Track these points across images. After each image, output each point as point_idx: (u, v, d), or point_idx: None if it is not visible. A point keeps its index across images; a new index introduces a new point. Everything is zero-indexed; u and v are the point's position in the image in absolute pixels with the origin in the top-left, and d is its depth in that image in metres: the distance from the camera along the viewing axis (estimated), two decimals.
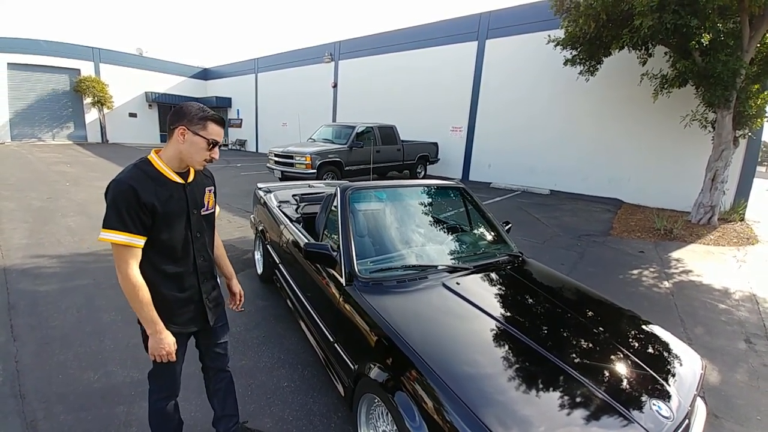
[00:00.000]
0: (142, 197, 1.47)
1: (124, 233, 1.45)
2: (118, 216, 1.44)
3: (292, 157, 9.75)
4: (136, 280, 1.49)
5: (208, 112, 1.59)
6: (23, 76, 20.45)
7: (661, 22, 6.39)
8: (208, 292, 1.79)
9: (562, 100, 11.77)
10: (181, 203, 1.62)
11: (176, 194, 1.60)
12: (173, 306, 1.66)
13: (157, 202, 1.51)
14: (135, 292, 1.50)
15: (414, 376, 1.61)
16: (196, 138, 1.55)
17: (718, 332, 3.77)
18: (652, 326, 2.19)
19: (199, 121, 1.56)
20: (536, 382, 1.60)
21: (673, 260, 5.89)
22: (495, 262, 2.63)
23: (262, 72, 23.19)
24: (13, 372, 2.66)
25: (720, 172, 7.75)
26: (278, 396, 2.54)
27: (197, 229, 1.70)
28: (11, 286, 3.92)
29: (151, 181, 1.53)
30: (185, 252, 1.66)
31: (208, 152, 1.59)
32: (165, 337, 1.58)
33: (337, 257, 2.29)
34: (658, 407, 1.53)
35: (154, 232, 1.54)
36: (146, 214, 1.49)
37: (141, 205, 1.47)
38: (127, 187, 1.46)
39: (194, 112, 1.56)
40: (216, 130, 1.59)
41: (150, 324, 1.55)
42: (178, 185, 1.62)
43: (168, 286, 1.63)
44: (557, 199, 10.77)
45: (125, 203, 1.45)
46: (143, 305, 1.52)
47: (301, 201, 4.08)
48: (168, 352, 1.59)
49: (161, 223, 1.54)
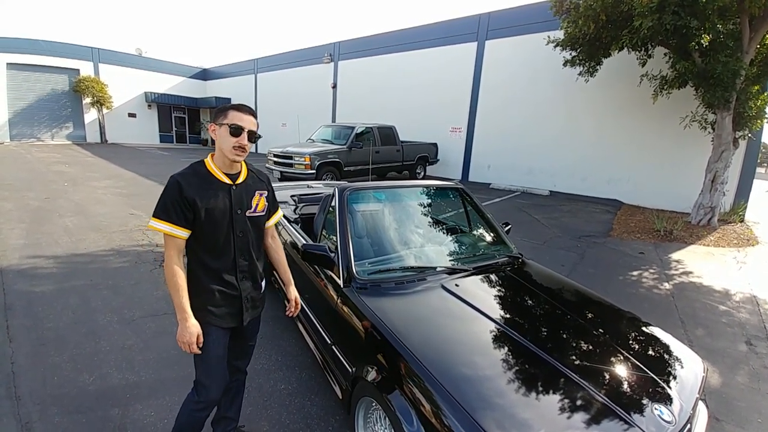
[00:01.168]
0: (185, 192, 1.58)
1: (167, 223, 1.58)
2: (163, 207, 1.58)
3: (291, 157, 9.73)
4: (174, 267, 1.60)
5: (230, 104, 1.68)
6: (22, 76, 20.43)
7: (661, 23, 6.37)
8: (247, 290, 1.82)
9: (561, 101, 11.76)
10: (225, 202, 1.68)
11: (221, 193, 1.68)
12: (212, 298, 1.72)
13: (198, 198, 1.60)
14: (171, 277, 1.61)
15: (412, 379, 1.58)
16: (221, 129, 1.64)
17: (719, 334, 3.75)
18: (652, 328, 2.16)
19: (220, 112, 1.66)
20: (536, 385, 1.57)
21: (674, 261, 5.87)
22: (494, 264, 2.61)
23: (261, 72, 23.19)
24: (9, 374, 2.64)
25: (720, 173, 7.74)
26: (275, 399, 2.52)
27: (240, 229, 1.75)
28: (7, 287, 3.90)
29: (197, 179, 1.64)
30: (226, 249, 1.72)
31: (234, 139, 1.63)
32: (190, 326, 1.63)
33: (335, 258, 2.27)
34: (660, 411, 1.50)
35: (197, 227, 1.64)
36: (188, 208, 1.59)
37: (183, 198, 1.58)
38: (174, 181, 1.60)
39: (220, 107, 1.68)
40: (236, 115, 1.65)
41: (179, 310, 1.62)
42: (225, 185, 1.70)
43: (208, 279, 1.71)
44: (557, 200, 10.76)
45: (170, 196, 1.58)
46: (176, 291, 1.61)
47: (300, 202, 4.05)
48: (190, 342, 1.63)
49: (203, 219, 1.63)
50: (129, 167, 13.21)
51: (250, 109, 1.70)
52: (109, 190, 9.20)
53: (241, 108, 1.68)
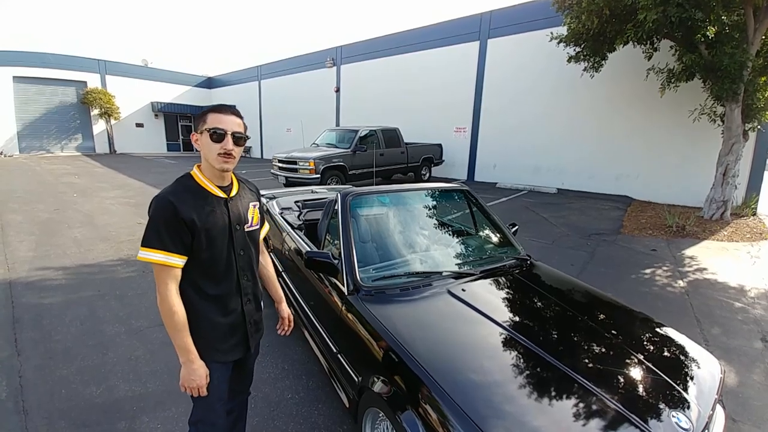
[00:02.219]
0: (180, 212, 1.38)
1: (161, 252, 1.38)
2: (156, 233, 1.38)
3: (295, 162, 9.74)
4: (173, 303, 1.41)
5: (208, 106, 1.50)
6: (30, 89, 20.73)
7: (666, 15, 6.29)
8: (251, 314, 1.66)
9: (566, 98, 11.65)
10: (223, 218, 1.51)
11: (218, 209, 1.50)
12: (217, 332, 1.54)
13: (196, 217, 1.42)
14: (170, 316, 1.40)
15: (418, 389, 1.54)
16: (202, 136, 1.46)
17: (735, 332, 3.65)
18: (666, 329, 2.10)
19: (200, 118, 1.48)
20: (546, 392, 1.53)
21: (687, 258, 5.76)
22: (502, 267, 2.55)
23: (265, 79, 23.31)
24: (17, 387, 2.64)
25: (731, 166, 7.60)
26: (282, 408, 2.49)
27: (241, 247, 1.58)
28: (16, 300, 3.92)
29: (190, 195, 1.45)
30: (228, 271, 1.54)
31: (218, 145, 1.44)
32: (198, 368, 1.46)
33: (339, 265, 2.23)
34: (677, 419, 1.45)
35: (195, 250, 1.44)
36: (185, 231, 1.40)
37: (180, 221, 1.38)
38: (166, 202, 1.39)
39: (198, 115, 1.51)
40: (215, 117, 1.45)
41: (183, 351, 1.44)
42: (220, 199, 1.52)
43: (210, 310, 1.51)
44: (565, 198, 10.64)
45: (163, 219, 1.38)
46: (177, 331, 1.42)
47: (304, 207, 4.03)
48: (199, 385, 1.47)
49: (202, 240, 1.44)
50: (137, 177, 13.32)
51: (231, 108, 1.50)
52: (118, 200, 9.28)
53: (221, 108, 1.48)
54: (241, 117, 1.53)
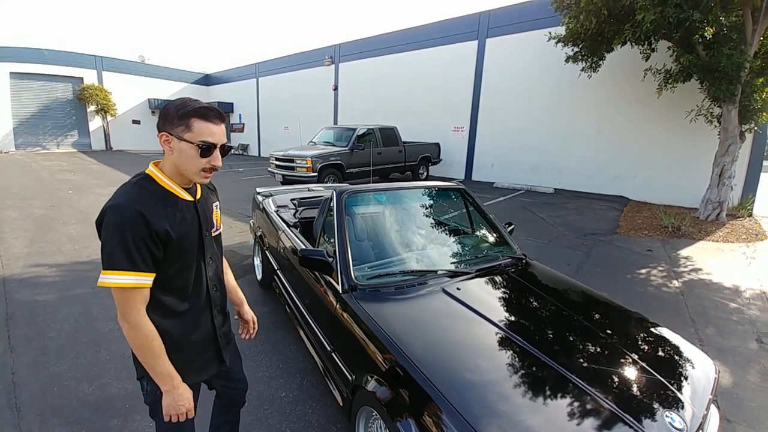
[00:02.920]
0: (153, 224, 1.17)
1: (132, 273, 1.16)
2: (124, 251, 1.14)
3: (293, 160, 9.72)
4: (149, 329, 1.21)
5: (191, 106, 1.22)
6: (26, 85, 20.61)
7: (664, 16, 6.30)
8: (221, 326, 1.51)
9: (564, 98, 11.66)
10: (194, 225, 1.34)
11: (188, 214, 1.32)
12: (187, 353, 1.38)
13: (170, 227, 1.22)
14: (149, 343, 1.21)
15: (412, 388, 1.54)
16: (183, 144, 1.22)
17: (730, 332, 3.66)
18: (661, 329, 2.10)
19: (179, 120, 1.22)
20: (540, 391, 1.52)
21: (682, 258, 5.77)
22: (497, 266, 2.55)
23: (263, 76, 23.24)
24: (10, 384, 2.62)
25: (727, 167, 7.63)
26: (276, 407, 2.48)
27: (210, 254, 1.43)
28: (10, 296, 3.89)
29: (159, 202, 1.24)
30: (198, 283, 1.38)
31: (205, 160, 1.25)
32: (183, 392, 1.30)
33: (334, 263, 2.22)
34: (671, 419, 1.44)
35: (165, 265, 1.25)
36: (158, 245, 1.20)
37: (152, 234, 1.17)
38: (133, 213, 1.15)
39: (174, 109, 1.22)
40: (205, 127, 1.23)
41: (166, 379, 1.26)
42: (189, 203, 1.33)
43: (178, 329, 1.33)
44: (562, 198, 10.65)
45: (132, 234, 1.14)
46: (158, 358, 1.24)
47: (300, 205, 4.02)
48: (188, 409, 1.32)
49: (174, 253, 1.26)
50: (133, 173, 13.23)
51: (218, 114, 1.27)
52: None
53: (208, 116, 1.24)
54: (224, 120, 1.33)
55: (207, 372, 1.49)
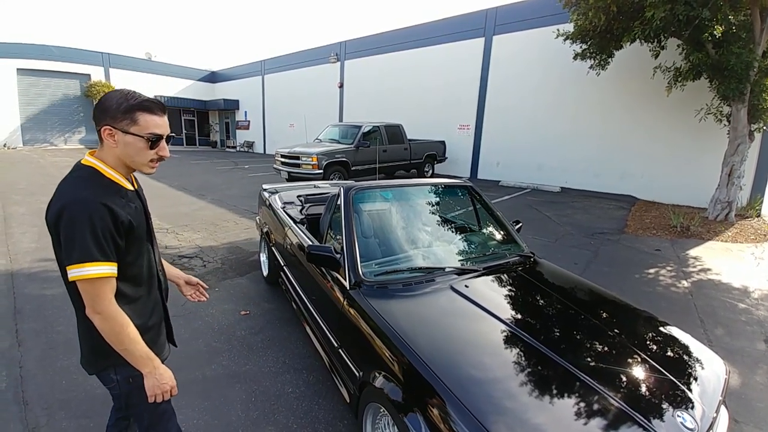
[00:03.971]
0: (118, 215, 1.21)
1: (106, 263, 1.18)
2: (96, 243, 1.16)
3: (298, 157, 9.72)
4: (123, 316, 1.25)
5: (134, 99, 1.25)
6: (34, 82, 20.79)
7: (673, 13, 6.24)
8: (167, 309, 1.59)
9: (571, 96, 11.58)
10: (142, 212, 1.38)
11: (136, 203, 1.36)
12: (149, 335, 1.41)
13: (130, 216, 1.27)
14: (125, 330, 1.24)
15: (420, 385, 1.53)
16: (128, 137, 1.24)
17: (738, 333, 3.63)
18: (670, 328, 2.08)
19: (124, 114, 1.23)
20: (548, 389, 1.51)
21: (691, 258, 5.72)
22: (505, 263, 2.53)
23: (268, 74, 23.27)
24: (17, 378, 2.64)
25: (736, 167, 7.56)
26: (282, 402, 2.48)
27: (155, 240, 1.51)
28: (18, 291, 3.92)
29: (115, 194, 1.26)
30: (150, 268, 1.43)
31: (152, 151, 1.29)
32: (165, 371, 1.35)
33: (341, 260, 2.22)
34: (683, 418, 1.42)
35: (123, 254, 1.28)
36: (122, 236, 1.24)
37: (118, 225, 1.21)
38: (99, 207, 1.18)
39: (116, 103, 1.24)
40: (151, 120, 1.26)
41: (146, 362, 1.30)
42: (133, 192, 1.37)
43: (136, 314, 1.36)
44: (568, 197, 10.59)
45: (101, 226, 1.17)
46: (136, 343, 1.27)
47: (306, 202, 4.02)
48: (172, 386, 1.36)
49: (131, 242, 1.30)
50: None
51: (161, 105, 1.32)
52: None
53: (153, 108, 1.27)
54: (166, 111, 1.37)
55: (165, 352, 1.55)
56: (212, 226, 6.61)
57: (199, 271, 4.61)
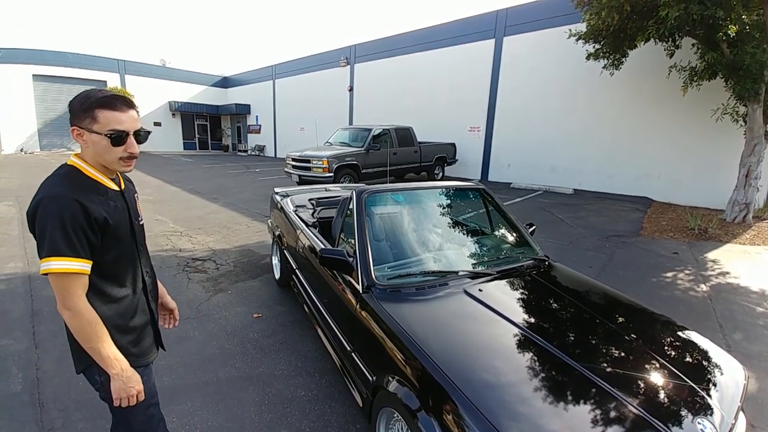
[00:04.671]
0: (92, 212, 1.21)
1: (75, 259, 1.18)
2: (65, 238, 1.16)
3: (309, 161, 9.78)
4: (92, 313, 1.24)
5: (92, 97, 1.23)
6: (51, 88, 21.22)
7: (687, 12, 6.15)
8: (156, 311, 1.59)
9: (584, 96, 11.46)
10: (125, 213, 1.38)
11: (119, 203, 1.36)
12: (129, 337, 1.42)
13: (107, 214, 1.27)
14: (93, 328, 1.24)
15: (434, 390, 1.52)
16: (93, 136, 1.24)
17: (756, 337, 3.55)
18: (689, 332, 2.04)
19: (84, 113, 1.22)
20: (564, 394, 1.49)
21: (710, 261, 5.60)
22: (519, 267, 2.51)
23: (279, 78, 23.47)
24: (33, 380, 2.68)
25: (753, 168, 7.40)
26: (295, 405, 2.48)
27: (141, 242, 1.49)
28: (35, 293, 4.00)
29: (91, 192, 1.27)
30: (133, 269, 1.43)
31: (119, 149, 1.26)
32: (132, 375, 1.33)
33: (354, 263, 2.22)
34: (703, 425, 1.39)
35: (100, 252, 1.27)
36: (96, 233, 1.23)
37: (91, 222, 1.21)
38: (71, 202, 1.18)
39: (78, 102, 1.23)
40: (111, 116, 1.23)
41: (113, 363, 1.28)
42: (116, 192, 1.37)
43: (118, 314, 1.37)
44: (582, 199, 10.46)
45: (72, 221, 1.17)
46: (103, 342, 1.26)
47: (318, 205, 4.03)
48: (138, 390, 1.35)
49: (109, 240, 1.29)
50: (155, 174, 13.52)
51: (125, 100, 1.28)
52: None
53: (113, 104, 1.24)
54: (135, 107, 1.34)
55: (151, 355, 1.54)
56: (225, 229, 6.67)
57: (212, 273, 4.65)
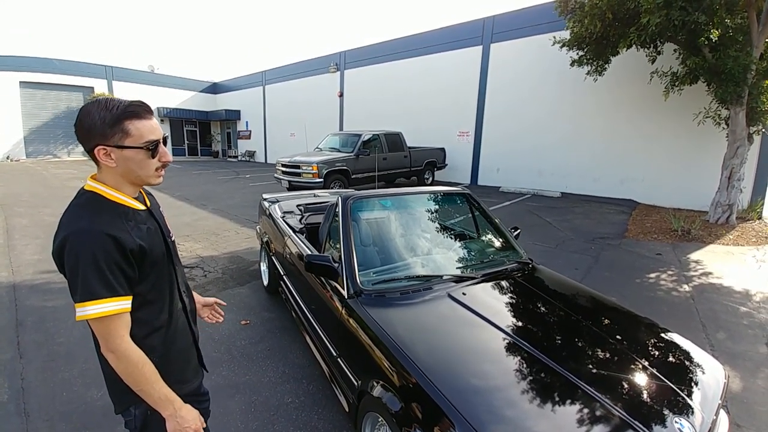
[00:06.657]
0: (127, 244, 1.09)
1: (113, 299, 1.07)
2: (100, 278, 1.05)
3: (299, 166, 9.78)
4: (137, 354, 1.12)
5: (116, 108, 1.11)
6: (37, 95, 20.97)
7: (669, 19, 6.28)
8: (197, 332, 1.47)
9: (569, 101, 11.64)
10: (158, 233, 1.27)
11: (150, 224, 1.24)
12: (176, 362, 1.31)
13: (141, 241, 1.15)
14: (140, 370, 1.12)
15: (418, 395, 1.53)
16: (126, 152, 1.12)
17: (740, 337, 3.61)
18: (671, 335, 2.08)
19: (111, 128, 1.10)
20: (548, 397, 1.51)
21: (692, 262, 5.71)
22: (503, 270, 2.54)
23: (269, 84, 23.45)
24: (18, 390, 2.65)
25: (736, 170, 7.56)
26: (282, 413, 2.47)
27: (177, 260, 1.37)
28: (20, 302, 3.94)
29: (120, 219, 1.14)
30: (171, 291, 1.31)
31: (155, 160, 1.18)
32: (188, 412, 1.22)
33: (339, 269, 2.23)
34: (680, 425, 1.42)
35: (140, 281, 1.17)
36: (132, 266, 1.12)
37: (127, 255, 1.10)
38: (100, 237, 1.06)
39: (99, 118, 1.10)
40: (143, 126, 1.13)
41: (166, 404, 1.17)
42: (145, 212, 1.25)
43: (163, 342, 1.26)
44: (568, 202, 10.60)
45: (105, 260, 1.06)
46: (153, 383, 1.15)
47: (306, 211, 4.03)
48: (197, 428, 1.23)
49: (148, 267, 1.18)
50: None
51: (146, 106, 1.18)
52: None
53: (139, 112, 1.14)
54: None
55: (197, 380, 1.44)
56: (213, 236, 6.63)
57: (199, 281, 4.62)
